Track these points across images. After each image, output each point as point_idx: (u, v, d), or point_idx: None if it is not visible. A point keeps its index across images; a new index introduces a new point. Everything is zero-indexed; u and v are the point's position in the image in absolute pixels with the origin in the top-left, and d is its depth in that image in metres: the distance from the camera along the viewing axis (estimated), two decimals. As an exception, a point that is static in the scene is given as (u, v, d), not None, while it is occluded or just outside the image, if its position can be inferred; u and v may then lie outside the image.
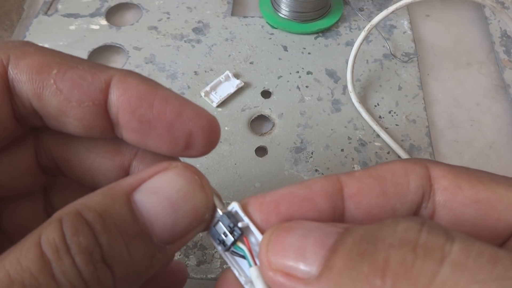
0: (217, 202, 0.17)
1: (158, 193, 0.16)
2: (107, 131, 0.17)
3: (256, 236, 0.16)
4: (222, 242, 0.17)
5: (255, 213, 0.17)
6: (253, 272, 0.16)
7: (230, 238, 0.17)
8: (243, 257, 0.17)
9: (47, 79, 0.15)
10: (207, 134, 0.17)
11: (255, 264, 0.16)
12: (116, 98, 0.16)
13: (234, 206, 0.17)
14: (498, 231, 0.16)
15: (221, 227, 0.17)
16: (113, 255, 0.14)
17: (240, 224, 0.16)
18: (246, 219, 0.17)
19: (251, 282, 0.16)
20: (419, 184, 0.17)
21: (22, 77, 0.16)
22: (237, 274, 0.17)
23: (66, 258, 0.13)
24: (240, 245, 0.17)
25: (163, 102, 0.16)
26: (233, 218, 0.17)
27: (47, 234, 0.14)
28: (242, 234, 0.17)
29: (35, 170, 0.19)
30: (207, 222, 0.17)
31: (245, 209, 0.17)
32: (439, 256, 0.12)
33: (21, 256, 0.13)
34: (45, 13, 0.43)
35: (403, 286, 0.12)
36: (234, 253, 0.17)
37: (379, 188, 0.16)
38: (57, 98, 0.16)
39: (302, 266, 0.14)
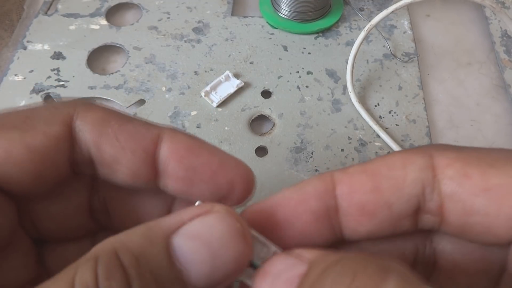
0: None
1: (198, 239, 0.15)
2: (151, 181, 0.18)
3: None
4: None
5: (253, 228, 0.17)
6: None
7: None
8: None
9: (107, 130, 0.18)
10: (246, 184, 0.18)
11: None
12: (167, 147, 0.18)
13: None
14: None
15: None
16: None
17: None
18: None
19: None
20: (418, 176, 0.16)
21: (86, 127, 0.18)
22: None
23: None
24: None
25: (208, 153, 0.18)
26: None
27: (81, 274, 0.14)
28: None
29: (86, 214, 0.20)
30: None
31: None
32: None
33: None
34: (45, 13, 0.43)
35: None
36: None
37: (372, 183, 0.16)
38: (113, 146, 0.17)
39: None
